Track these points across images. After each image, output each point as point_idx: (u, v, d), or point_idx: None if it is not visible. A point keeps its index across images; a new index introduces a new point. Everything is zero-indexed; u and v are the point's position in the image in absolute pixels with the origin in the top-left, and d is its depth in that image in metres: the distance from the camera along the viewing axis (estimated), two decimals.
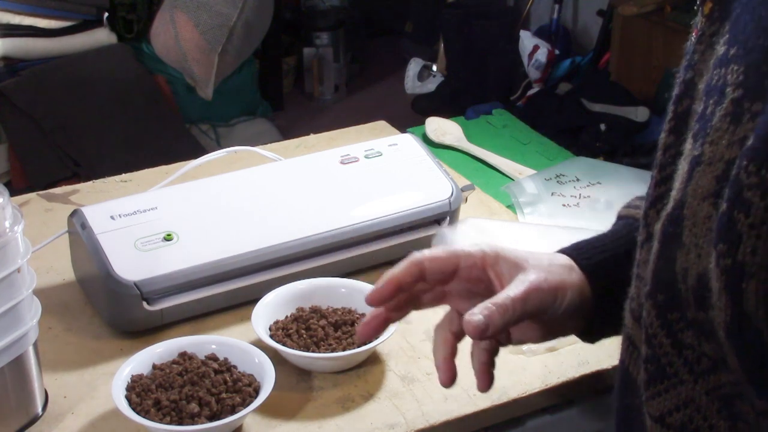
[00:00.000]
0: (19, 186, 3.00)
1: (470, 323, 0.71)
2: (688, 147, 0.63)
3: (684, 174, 0.62)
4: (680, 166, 0.64)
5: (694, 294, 0.60)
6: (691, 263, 0.59)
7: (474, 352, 0.79)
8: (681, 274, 0.60)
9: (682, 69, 0.68)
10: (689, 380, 0.63)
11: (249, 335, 1.10)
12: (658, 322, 0.64)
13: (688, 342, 0.62)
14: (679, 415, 0.64)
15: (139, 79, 3.30)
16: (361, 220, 1.22)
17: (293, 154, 1.50)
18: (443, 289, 0.80)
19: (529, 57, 3.81)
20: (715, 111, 0.60)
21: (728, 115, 0.59)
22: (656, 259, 0.64)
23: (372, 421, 1.01)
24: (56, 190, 1.46)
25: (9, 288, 0.92)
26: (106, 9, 3.29)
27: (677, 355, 0.63)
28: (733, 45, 0.61)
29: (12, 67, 3.15)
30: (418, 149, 1.33)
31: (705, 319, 0.59)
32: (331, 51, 4.06)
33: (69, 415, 1.01)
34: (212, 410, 0.97)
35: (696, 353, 0.62)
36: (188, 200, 1.20)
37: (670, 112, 0.69)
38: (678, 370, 0.63)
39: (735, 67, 0.60)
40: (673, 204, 0.63)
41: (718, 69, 0.62)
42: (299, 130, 3.01)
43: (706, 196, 0.59)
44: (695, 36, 0.68)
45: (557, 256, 0.81)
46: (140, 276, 1.10)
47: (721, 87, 0.61)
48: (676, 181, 0.64)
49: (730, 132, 0.58)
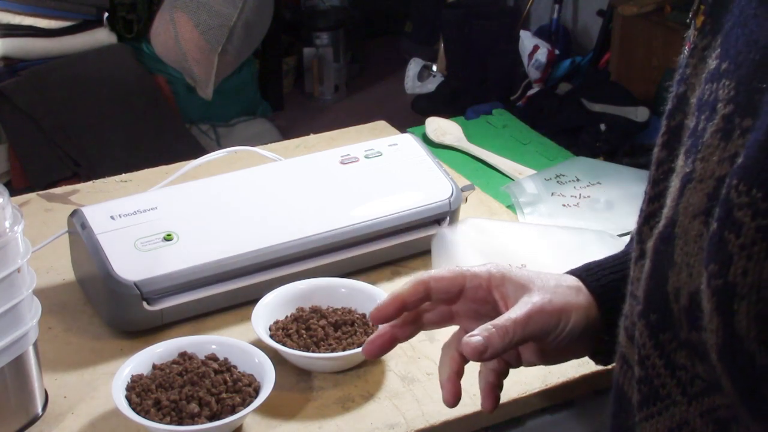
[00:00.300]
0: (19, 186, 3.00)
1: (468, 345, 0.71)
2: (680, 163, 0.63)
3: (675, 191, 0.61)
4: (672, 183, 0.63)
5: (687, 314, 0.59)
6: (683, 283, 0.58)
7: (482, 371, 0.79)
8: (673, 293, 0.59)
9: (675, 83, 0.68)
10: (683, 402, 0.62)
11: (249, 335, 1.10)
12: (651, 343, 0.63)
13: (681, 363, 0.61)
14: None
15: (139, 79, 3.30)
16: (361, 220, 1.22)
17: (293, 154, 1.50)
18: (450, 308, 0.79)
19: (529, 57, 3.81)
20: (707, 127, 0.59)
21: (719, 131, 0.58)
22: (648, 278, 0.63)
23: (372, 421, 1.01)
24: (56, 190, 1.46)
25: (9, 288, 0.92)
26: (106, 9, 3.29)
27: (670, 376, 0.62)
28: (725, 59, 0.61)
29: (12, 67, 3.15)
30: (418, 149, 1.33)
31: (698, 341, 0.58)
32: (331, 51, 4.07)
33: (69, 415, 1.01)
34: (212, 410, 0.97)
35: (689, 374, 0.61)
36: (188, 200, 1.20)
37: (663, 127, 0.68)
38: (671, 391, 0.62)
39: (726, 82, 0.59)
40: (664, 222, 0.62)
41: (710, 84, 0.61)
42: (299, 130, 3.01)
43: (697, 214, 0.58)
44: (688, 49, 0.67)
45: (565, 278, 0.80)
46: (140, 276, 1.10)
47: (712, 102, 0.60)
48: (668, 198, 0.63)
49: (720, 148, 0.57)
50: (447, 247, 1.24)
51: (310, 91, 4.12)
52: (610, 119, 3.19)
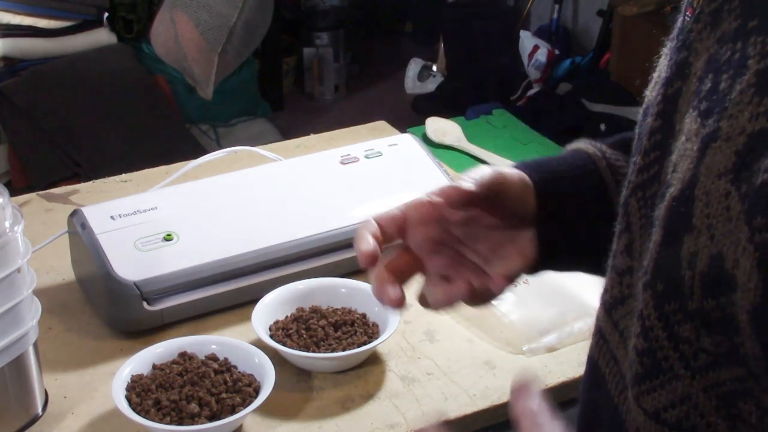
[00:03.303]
0: (19, 186, 3.00)
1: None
2: (692, 126, 0.61)
3: (694, 153, 0.59)
4: (678, 149, 0.62)
5: (702, 280, 0.57)
6: (701, 246, 0.57)
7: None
8: (687, 259, 0.58)
9: (672, 51, 0.67)
10: (685, 376, 0.61)
11: (249, 335, 1.10)
12: (656, 314, 0.62)
13: (686, 336, 0.60)
14: (675, 412, 0.62)
15: (139, 79, 3.30)
16: (362, 220, 1.21)
17: (293, 154, 1.50)
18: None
19: (529, 57, 3.81)
20: (734, 85, 0.58)
21: (752, 86, 0.57)
22: (658, 246, 0.61)
23: (372, 421, 1.01)
24: (56, 190, 1.46)
25: (9, 288, 0.92)
26: (106, 9, 3.29)
27: (673, 348, 0.61)
28: (752, 17, 0.59)
29: (12, 67, 3.15)
30: (418, 149, 1.33)
31: (713, 308, 0.57)
32: (331, 51, 4.07)
33: (69, 415, 1.01)
34: (212, 410, 0.97)
35: (693, 348, 0.60)
36: (188, 200, 1.20)
37: (658, 95, 0.67)
38: (673, 364, 0.62)
39: (758, 38, 0.58)
40: (679, 186, 0.60)
41: (731, 43, 0.60)
42: (299, 130, 3.01)
43: (723, 173, 0.56)
44: (690, 15, 0.66)
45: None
46: (140, 276, 1.10)
47: (739, 60, 0.59)
48: (678, 164, 0.61)
49: (754, 104, 0.56)
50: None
51: (310, 91, 4.12)
52: (610, 119, 3.19)
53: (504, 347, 1.11)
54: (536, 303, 1.16)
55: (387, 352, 1.11)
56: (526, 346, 1.11)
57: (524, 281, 1.20)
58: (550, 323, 1.13)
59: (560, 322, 1.13)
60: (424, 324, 1.15)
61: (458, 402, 1.03)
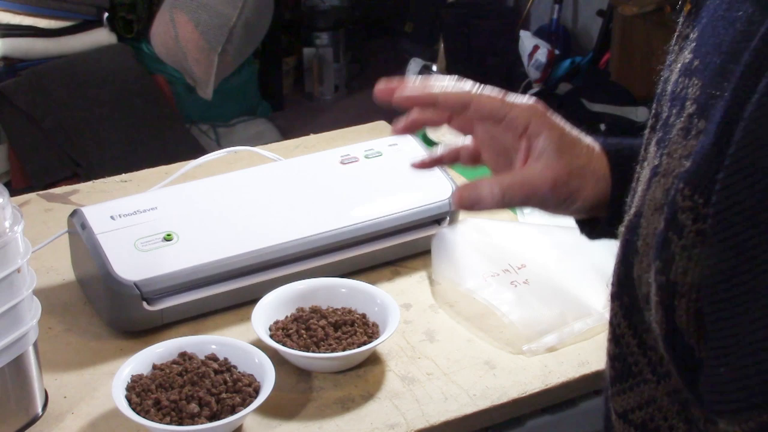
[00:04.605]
0: (19, 186, 3.01)
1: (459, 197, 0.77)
2: (650, 154, 0.64)
3: (645, 182, 0.62)
4: (643, 172, 0.65)
5: (645, 302, 0.60)
6: (643, 272, 0.60)
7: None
8: (637, 281, 0.61)
9: (665, 67, 0.69)
10: (652, 380, 0.64)
11: (249, 335, 1.10)
12: (626, 323, 0.65)
13: (651, 344, 0.63)
14: (641, 413, 0.65)
15: (139, 79, 3.30)
16: (361, 220, 1.22)
17: (293, 154, 1.50)
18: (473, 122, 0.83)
19: (529, 57, 3.81)
20: (676, 122, 0.61)
21: (683, 129, 0.59)
22: (618, 264, 0.64)
23: (372, 421, 1.01)
24: (56, 190, 1.46)
25: (9, 288, 0.92)
26: (106, 9, 3.30)
27: (642, 354, 0.64)
28: (697, 56, 0.61)
29: (12, 67, 3.15)
30: (418, 149, 1.33)
31: None
32: (331, 51, 4.07)
33: (69, 415, 1.01)
34: (212, 410, 0.97)
35: (658, 355, 0.63)
36: (188, 200, 1.20)
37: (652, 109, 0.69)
38: (642, 369, 0.64)
39: (696, 80, 0.60)
40: (633, 211, 0.63)
41: (683, 78, 0.62)
42: (299, 130, 3.01)
43: (657, 208, 0.59)
44: (675, 36, 0.68)
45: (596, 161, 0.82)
46: (140, 276, 1.10)
47: (683, 98, 0.61)
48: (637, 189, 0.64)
49: (682, 146, 0.59)
50: (447, 247, 1.24)
51: (310, 91, 4.12)
52: (610, 119, 3.19)
53: (504, 347, 1.11)
54: (536, 303, 1.16)
55: (387, 352, 1.11)
56: (526, 346, 1.11)
57: (524, 281, 1.20)
58: (550, 323, 1.13)
59: (560, 322, 1.13)
60: (424, 324, 1.15)
61: (458, 402, 1.03)
